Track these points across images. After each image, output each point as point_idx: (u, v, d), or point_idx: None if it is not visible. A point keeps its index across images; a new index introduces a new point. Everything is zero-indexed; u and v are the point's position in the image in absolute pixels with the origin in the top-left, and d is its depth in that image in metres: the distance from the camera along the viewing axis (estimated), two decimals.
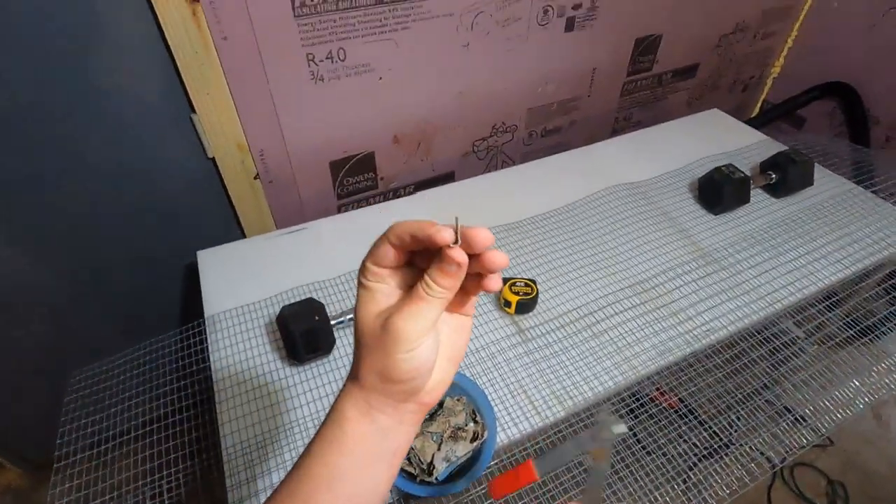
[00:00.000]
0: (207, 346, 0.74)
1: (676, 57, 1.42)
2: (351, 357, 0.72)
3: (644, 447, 0.68)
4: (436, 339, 0.30)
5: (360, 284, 0.32)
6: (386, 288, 0.31)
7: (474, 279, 0.31)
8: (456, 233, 0.28)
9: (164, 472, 0.62)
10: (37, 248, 0.90)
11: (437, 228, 0.28)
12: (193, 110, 0.87)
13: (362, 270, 0.31)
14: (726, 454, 0.69)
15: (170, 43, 0.78)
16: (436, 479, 0.57)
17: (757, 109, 1.80)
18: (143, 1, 0.75)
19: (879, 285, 0.95)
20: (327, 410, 0.58)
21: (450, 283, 0.29)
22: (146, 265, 1.04)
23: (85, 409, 0.69)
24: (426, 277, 0.29)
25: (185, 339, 0.77)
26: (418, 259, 0.32)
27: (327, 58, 0.92)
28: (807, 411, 0.71)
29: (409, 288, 0.30)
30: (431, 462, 0.57)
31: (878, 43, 1.42)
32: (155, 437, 0.65)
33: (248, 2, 0.80)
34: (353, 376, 0.32)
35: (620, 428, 0.42)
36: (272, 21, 0.83)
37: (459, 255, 0.28)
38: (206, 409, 0.68)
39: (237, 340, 0.75)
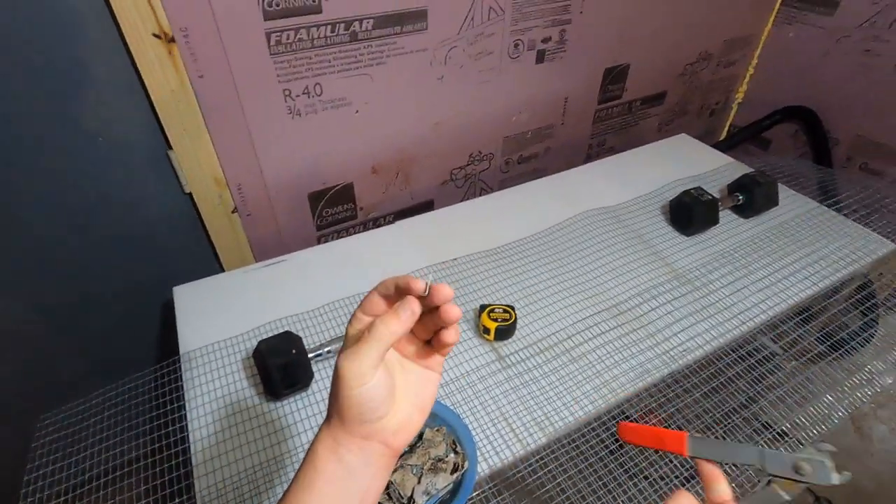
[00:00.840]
0: (182, 384, 0.73)
1: (645, 85, 1.48)
2: (330, 390, 0.72)
3: (627, 470, 0.67)
4: (385, 380, 0.33)
5: (345, 333, 0.35)
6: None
7: (437, 336, 0.36)
8: (426, 286, 0.33)
9: None
10: (7, 284, 0.88)
11: (415, 279, 0.33)
12: (170, 146, 0.88)
13: (351, 319, 0.35)
14: None
15: (145, 81, 0.79)
16: None
17: (724, 133, 1.87)
18: (118, 41, 0.76)
19: (848, 300, 0.98)
20: (306, 446, 0.58)
21: (396, 325, 0.32)
22: (123, 302, 1.02)
23: (53, 455, 0.66)
24: (375, 321, 0.33)
25: (160, 377, 0.76)
26: None
27: (304, 93, 0.94)
28: (785, 428, 0.72)
29: None
30: (412, 496, 0.56)
31: (832, 69, 1.50)
32: (125, 483, 0.63)
33: (225, 41, 0.82)
34: (327, 417, 0.35)
35: (835, 477, 0.32)
36: (248, 59, 0.85)
37: (415, 304, 0.33)
38: (180, 451, 0.66)
39: (213, 377, 0.74)
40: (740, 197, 1.03)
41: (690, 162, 1.23)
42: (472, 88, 1.14)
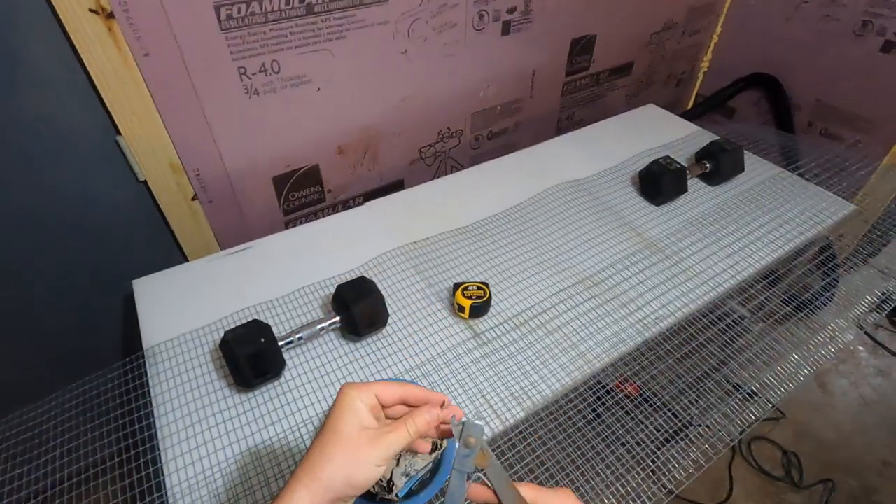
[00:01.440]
0: (148, 381, 0.70)
1: (612, 56, 1.47)
2: (303, 377, 0.70)
3: (604, 439, 0.68)
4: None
5: (350, 398, 0.38)
6: (367, 411, 0.39)
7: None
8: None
9: None
10: None
11: (445, 403, 0.43)
12: (119, 132, 0.83)
13: (362, 393, 0.39)
14: (686, 436, 0.71)
15: (85, 62, 0.74)
16: (396, 495, 0.55)
17: (691, 102, 1.89)
18: (52, 19, 0.71)
19: (811, 262, 1.01)
20: (280, 436, 0.57)
21: (426, 430, 0.40)
22: (80, 298, 0.98)
23: (11, 462, 0.63)
24: (412, 420, 0.39)
25: (124, 374, 0.72)
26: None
27: (260, 71, 0.89)
28: (754, 387, 0.74)
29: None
30: (391, 479, 0.56)
31: (793, 35, 1.52)
32: (92, 485, 0.60)
33: (170, 16, 0.77)
34: (313, 478, 0.35)
35: (477, 423, 0.40)
36: (197, 35, 0.80)
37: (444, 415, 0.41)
38: (149, 448, 0.64)
39: (180, 371, 0.71)
40: (707, 165, 1.04)
41: (658, 132, 1.23)
42: (438, 63, 1.11)
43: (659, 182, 0.98)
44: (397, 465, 0.57)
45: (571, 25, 1.30)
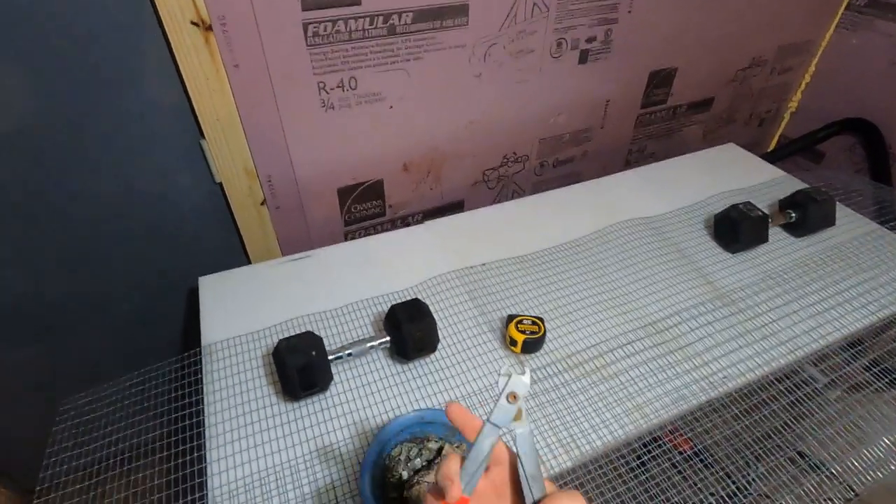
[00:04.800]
0: (202, 378, 0.72)
1: (691, 90, 1.41)
2: (348, 393, 0.69)
3: (659, 503, 0.63)
4: None
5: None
6: None
7: None
8: None
9: None
10: (37, 267, 0.90)
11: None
12: (202, 136, 0.87)
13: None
14: None
15: (181, 69, 0.78)
16: None
17: (773, 143, 1.77)
18: (156, 28, 0.76)
19: None
20: (321, 451, 0.56)
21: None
22: (148, 290, 1.03)
23: (72, 440, 0.66)
24: None
25: (181, 368, 0.75)
26: None
27: (338, 86, 0.92)
28: (834, 471, 0.66)
29: None
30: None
31: None
32: (140, 475, 0.62)
33: (261, 31, 0.80)
34: None
35: (524, 380, 0.35)
36: (284, 50, 0.83)
37: None
38: (195, 446, 0.65)
39: (233, 372, 0.73)
40: (793, 214, 0.96)
41: (738, 174, 1.16)
42: (511, 87, 1.10)
43: (737, 229, 0.91)
44: None
45: (651, 57, 1.26)
